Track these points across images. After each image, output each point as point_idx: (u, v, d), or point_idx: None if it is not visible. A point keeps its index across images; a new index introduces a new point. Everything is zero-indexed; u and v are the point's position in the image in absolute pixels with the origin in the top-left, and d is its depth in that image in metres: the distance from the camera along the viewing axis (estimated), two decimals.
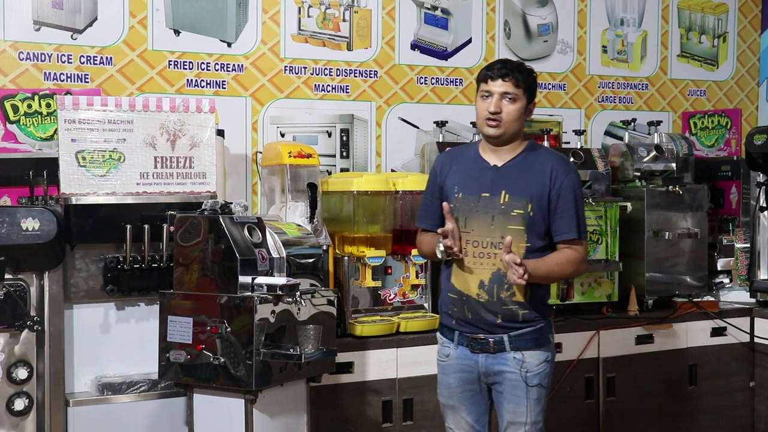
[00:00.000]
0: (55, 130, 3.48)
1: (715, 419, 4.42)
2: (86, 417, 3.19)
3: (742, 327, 4.44)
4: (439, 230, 2.88)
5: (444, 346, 3.04)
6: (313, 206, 3.67)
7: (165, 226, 3.22)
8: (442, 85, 4.76)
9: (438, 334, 3.10)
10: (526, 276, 2.75)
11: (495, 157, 2.97)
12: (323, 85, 4.50)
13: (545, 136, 4.46)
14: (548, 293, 3.04)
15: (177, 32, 4.19)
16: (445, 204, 2.90)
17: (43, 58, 3.96)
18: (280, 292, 2.89)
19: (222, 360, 2.88)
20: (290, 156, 3.68)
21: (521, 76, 2.90)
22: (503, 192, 2.90)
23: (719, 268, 4.74)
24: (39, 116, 3.68)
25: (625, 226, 4.38)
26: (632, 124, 4.85)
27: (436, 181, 3.06)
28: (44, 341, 3.15)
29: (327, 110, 4.51)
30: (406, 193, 3.90)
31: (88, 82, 4.02)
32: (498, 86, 2.89)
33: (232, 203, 3.06)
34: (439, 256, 2.94)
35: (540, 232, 2.91)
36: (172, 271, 3.07)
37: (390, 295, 3.91)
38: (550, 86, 5.05)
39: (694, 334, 4.38)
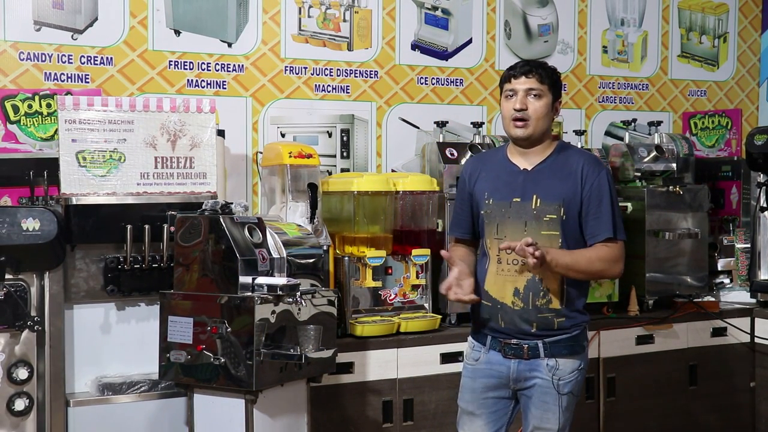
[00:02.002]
0: (56, 130, 3.48)
1: (715, 419, 4.42)
2: (87, 417, 3.18)
3: (742, 327, 4.44)
4: (441, 288, 2.85)
5: (474, 350, 3.00)
6: (313, 206, 3.67)
7: (165, 226, 3.22)
8: (442, 85, 4.76)
9: (469, 338, 3.05)
10: (537, 253, 2.66)
11: (524, 160, 2.92)
12: (324, 86, 4.50)
13: None
14: (584, 298, 2.94)
15: (177, 32, 4.19)
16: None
17: (43, 59, 3.96)
18: (280, 293, 2.89)
19: (222, 360, 2.88)
20: (291, 156, 3.69)
21: (545, 72, 2.87)
22: (534, 196, 2.85)
23: (720, 269, 4.74)
24: (39, 116, 3.68)
25: (626, 227, 4.33)
26: (633, 124, 4.84)
27: (466, 188, 3.01)
28: (45, 341, 3.15)
29: (327, 110, 4.51)
30: (407, 193, 3.91)
31: (88, 82, 4.02)
32: (522, 83, 2.85)
33: (232, 203, 3.06)
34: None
35: (575, 236, 2.87)
36: (173, 272, 3.07)
37: (390, 295, 3.91)
38: None
39: (695, 334, 4.38)
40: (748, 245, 4.65)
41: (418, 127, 4.67)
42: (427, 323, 3.86)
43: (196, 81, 4.23)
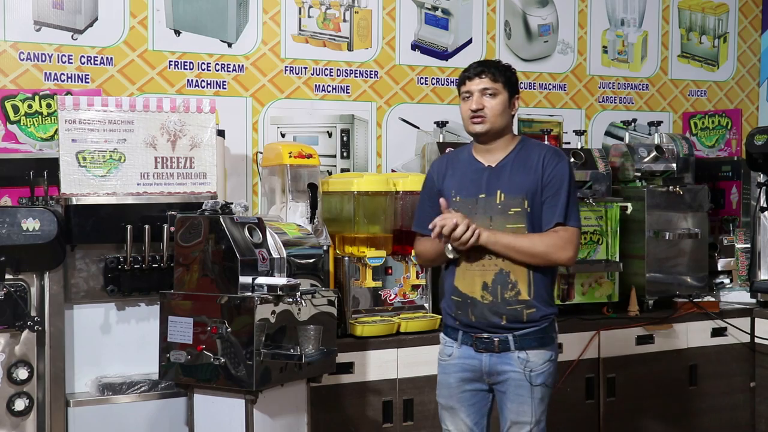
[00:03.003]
0: (56, 130, 3.48)
1: (715, 420, 4.42)
2: (87, 417, 3.18)
3: (742, 327, 4.44)
4: (437, 221, 2.85)
5: (447, 345, 3.04)
6: (313, 206, 3.67)
7: (165, 226, 3.22)
8: (442, 85, 4.76)
9: (441, 335, 3.10)
10: (470, 233, 2.78)
11: (488, 157, 2.99)
12: (324, 86, 4.50)
13: (546, 136, 4.46)
14: (552, 290, 3.00)
15: (177, 32, 4.19)
16: (442, 200, 2.91)
17: (43, 59, 3.96)
18: (280, 293, 2.89)
19: (222, 360, 2.88)
20: (291, 156, 3.69)
21: (497, 71, 2.94)
22: (498, 192, 2.92)
23: (720, 269, 4.75)
24: (39, 116, 3.68)
25: (626, 227, 4.38)
26: (633, 124, 4.84)
27: (434, 187, 3.07)
28: (45, 341, 3.15)
29: (327, 110, 4.51)
30: (407, 193, 3.90)
31: (88, 82, 4.02)
32: (476, 84, 2.93)
33: (232, 203, 3.06)
34: (450, 256, 2.93)
35: (541, 227, 2.92)
36: (173, 272, 3.07)
37: (390, 295, 3.91)
38: (551, 86, 5.05)
39: (695, 334, 4.38)
40: (748, 245, 4.65)
41: (418, 127, 4.67)
42: (427, 323, 3.86)
43: (196, 81, 4.23)
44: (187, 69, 4.21)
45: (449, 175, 3.04)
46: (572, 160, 4.22)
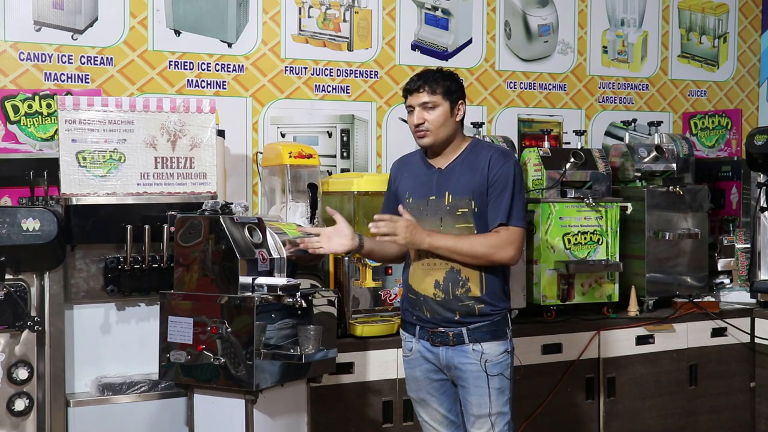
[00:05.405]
0: (56, 130, 3.48)
1: (715, 420, 4.42)
2: (87, 417, 3.18)
3: (742, 327, 4.44)
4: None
5: (407, 341, 3.14)
6: (313, 207, 3.67)
7: (165, 226, 3.22)
8: None
9: (400, 331, 3.19)
10: (390, 228, 2.83)
11: (438, 160, 3.08)
12: (324, 86, 4.50)
13: (546, 136, 4.46)
14: (505, 286, 3.06)
15: (177, 33, 4.20)
16: (400, 207, 2.99)
17: (43, 59, 3.96)
18: (280, 293, 2.90)
19: (222, 360, 2.88)
20: (291, 156, 3.69)
21: (434, 83, 3.00)
22: (447, 193, 3.00)
23: (720, 269, 4.75)
24: (39, 116, 3.68)
25: (626, 227, 4.38)
26: (633, 124, 4.84)
27: (391, 189, 3.18)
28: (45, 341, 3.15)
29: (327, 110, 4.51)
30: None
31: (88, 82, 4.02)
32: (416, 99, 3.01)
33: (232, 203, 3.06)
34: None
35: (488, 227, 2.99)
36: (173, 272, 3.06)
37: (390, 295, 3.90)
38: (551, 87, 5.05)
39: (695, 334, 4.38)
40: (748, 245, 4.65)
41: None
42: None
43: (196, 81, 4.23)
44: (187, 69, 4.21)
45: (404, 177, 3.13)
46: (572, 160, 4.22)
